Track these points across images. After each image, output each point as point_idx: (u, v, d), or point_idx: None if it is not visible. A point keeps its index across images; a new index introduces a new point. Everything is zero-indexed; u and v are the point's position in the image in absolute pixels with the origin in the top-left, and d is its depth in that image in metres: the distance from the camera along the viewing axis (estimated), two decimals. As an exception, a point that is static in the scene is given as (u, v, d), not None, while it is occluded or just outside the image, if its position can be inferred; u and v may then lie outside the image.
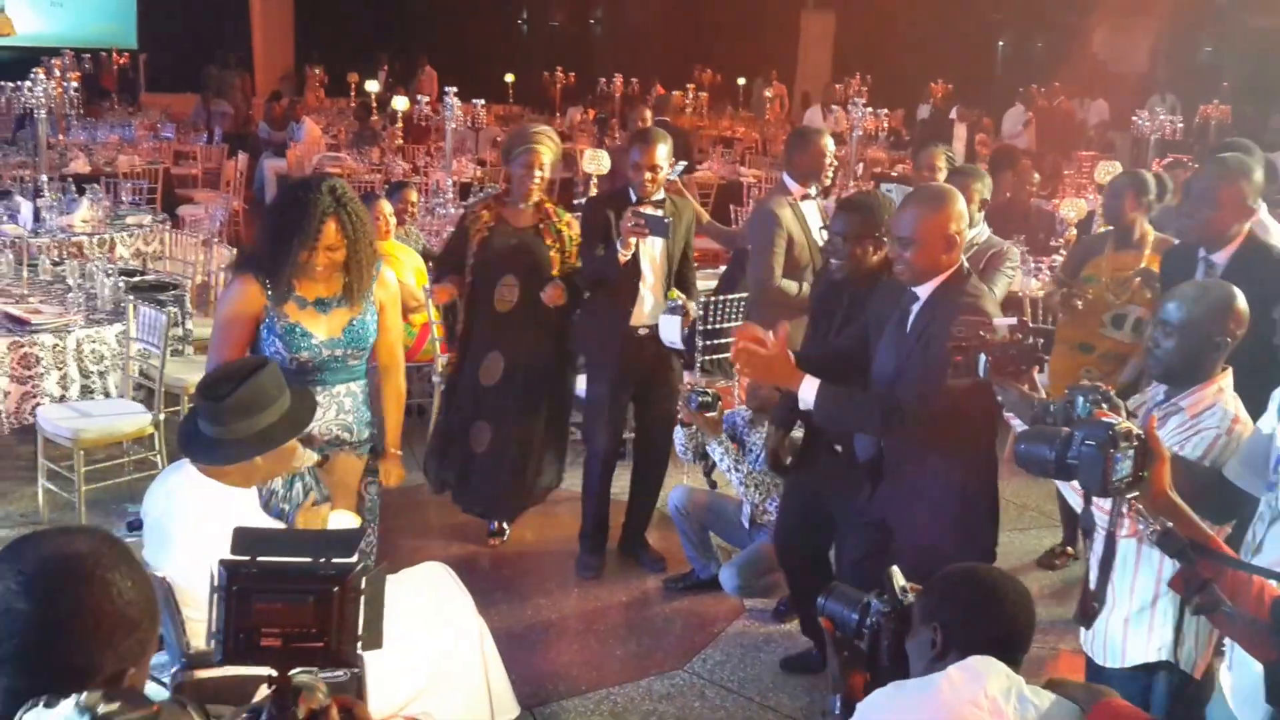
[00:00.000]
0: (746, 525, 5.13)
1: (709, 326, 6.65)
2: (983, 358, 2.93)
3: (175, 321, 6.19)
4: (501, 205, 5.34)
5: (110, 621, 1.61)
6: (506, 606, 5.04)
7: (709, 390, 4.85)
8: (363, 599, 1.83)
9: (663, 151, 5.12)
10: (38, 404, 5.78)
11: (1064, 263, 6.12)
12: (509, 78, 21.19)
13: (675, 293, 5.13)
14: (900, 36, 21.96)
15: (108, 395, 6.00)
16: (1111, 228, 5.55)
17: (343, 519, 3.54)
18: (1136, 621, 3.05)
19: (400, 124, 14.08)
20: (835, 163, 5.64)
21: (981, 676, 2.29)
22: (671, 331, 5.04)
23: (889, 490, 3.70)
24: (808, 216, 5.40)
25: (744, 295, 6.46)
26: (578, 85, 21.25)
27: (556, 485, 5.68)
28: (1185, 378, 3.06)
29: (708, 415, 4.80)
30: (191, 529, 3.12)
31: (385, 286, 4.02)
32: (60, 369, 5.85)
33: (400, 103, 13.53)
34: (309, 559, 1.84)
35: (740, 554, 5.07)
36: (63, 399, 5.86)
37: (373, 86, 16.92)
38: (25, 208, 8.38)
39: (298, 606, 1.79)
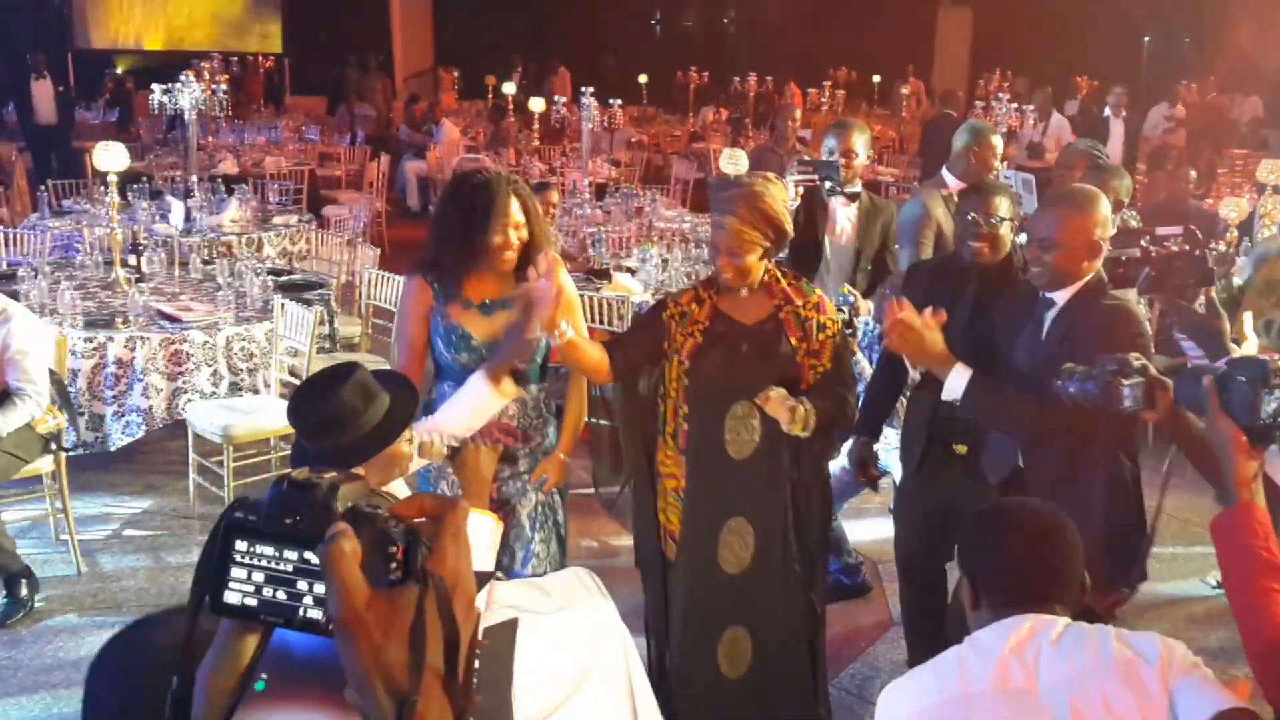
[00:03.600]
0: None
1: None
2: (1145, 271, 2.75)
3: (321, 320, 6.27)
4: (714, 291, 3.62)
5: None
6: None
7: (853, 290, 4.53)
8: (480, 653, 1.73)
9: (860, 139, 5.00)
10: (188, 400, 5.91)
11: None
12: (642, 78, 21.21)
13: (846, 288, 4.85)
14: (1039, 32, 21.38)
15: (255, 392, 6.10)
16: None
17: (481, 523, 3.46)
18: None
19: (536, 125, 14.18)
20: (999, 162, 5.45)
21: (996, 644, 2.17)
22: None
23: None
24: None
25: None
26: (711, 85, 21.15)
27: None
28: None
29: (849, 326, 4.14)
30: None
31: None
32: (210, 365, 5.97)
33: (536, 104, 13.64)
34: None
35: None
36: (212, 395, 5.98)
37: (509, 89, 17.09)
38: (176, 208, 8.62)
39: None
